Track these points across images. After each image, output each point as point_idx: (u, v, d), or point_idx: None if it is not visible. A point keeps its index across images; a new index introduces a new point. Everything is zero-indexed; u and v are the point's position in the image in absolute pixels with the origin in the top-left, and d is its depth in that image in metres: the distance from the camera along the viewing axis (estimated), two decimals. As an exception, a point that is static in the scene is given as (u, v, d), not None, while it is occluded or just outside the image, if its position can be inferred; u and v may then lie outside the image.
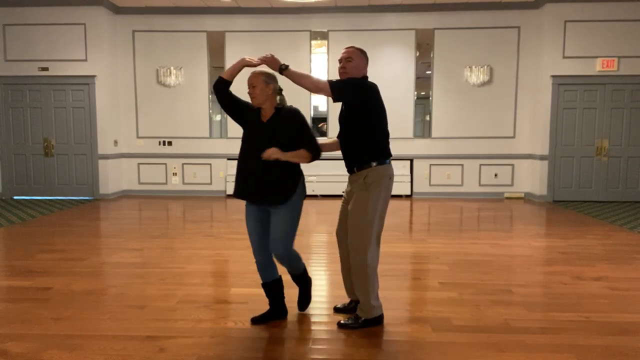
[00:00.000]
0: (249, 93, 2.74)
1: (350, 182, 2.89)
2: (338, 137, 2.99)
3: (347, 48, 2.86)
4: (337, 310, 3.10)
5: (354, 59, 2.81)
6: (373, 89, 2.80)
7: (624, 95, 7.98)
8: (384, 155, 2.82)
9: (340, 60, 2.85)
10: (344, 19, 8.40)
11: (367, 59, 2.89)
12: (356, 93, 2.75)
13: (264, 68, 2.76)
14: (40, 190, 8.47)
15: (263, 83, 2.71)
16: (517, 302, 3.28)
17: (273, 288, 2.92)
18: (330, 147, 2.98)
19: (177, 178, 8.86)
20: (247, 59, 2.71)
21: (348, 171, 2.89)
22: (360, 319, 2.84)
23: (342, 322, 2.86)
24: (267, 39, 8.53)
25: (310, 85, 2.70)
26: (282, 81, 2.76)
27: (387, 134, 2.88)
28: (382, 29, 8.37)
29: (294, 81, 2.70)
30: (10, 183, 8.47)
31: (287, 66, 2.70)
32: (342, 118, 2.89)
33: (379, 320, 2.86)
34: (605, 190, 8.15)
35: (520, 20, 8.24)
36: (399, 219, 6.59)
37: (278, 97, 2.82)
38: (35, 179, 8.47)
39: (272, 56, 2.71)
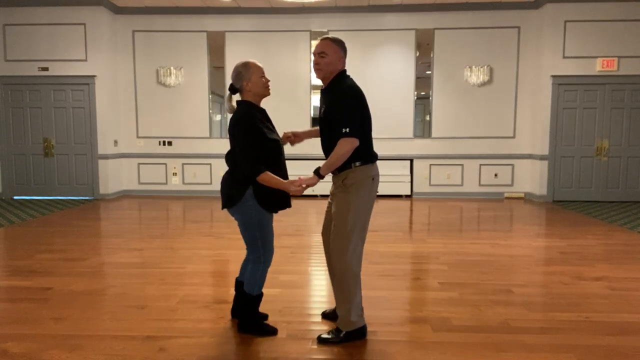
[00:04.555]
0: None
1: (334, 182, 2.72)
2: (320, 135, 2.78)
3: (321, 39, 2.59)
4: (325, 316, 2.96)
5: (328, 54, 2.55)
6: (359, 96, 2.56)
7: (624, 95, 7.99)
8: (366, 157, 2.59)
9: (314, 54, 2.60)
10: (344, 19, 8.40)
11: (344, 49, 2.62)
12: (359, 114, 2.53)
13: None
14: (40, 190, 8.47)
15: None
16: (517, 302, 3.28)
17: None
18: (313, 133, 2.87)
19: (177, 178, 8.86)
20: (293, 189, 2.53)
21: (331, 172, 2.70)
22: (341, 332, 2.63)
23: (322, 336, 2.66)
24: (267, 39, 8.53)
25: (344, 157, 2.50)
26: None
27: (370, 137, 2.64)
28: (382, 29, 8.37)
29: (337, 166, 2.54)
30: (10, 183, 8.47)
31: (319, 167, 2.54)
32: (322, 123, 2.64)
33: (361, 333, 2.66)
34: (605, 190, 8.15)
35: (520, 20, 8.24)
36: (399, 219, 6.59)
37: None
38: (35, 179, 8.47)
39: (302, 180, 2.54)
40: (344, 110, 2.50)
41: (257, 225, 2.64)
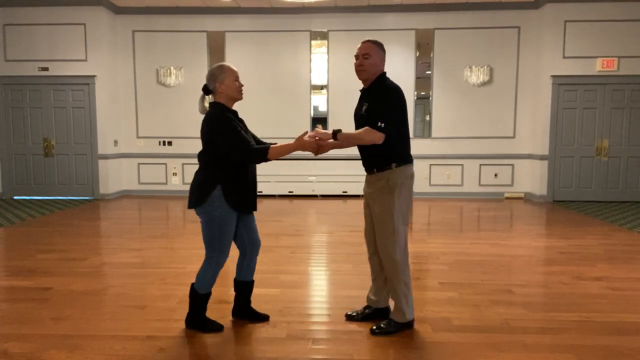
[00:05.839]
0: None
1: (369, 182, 2.79)
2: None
3: (363, 42, 2.70)
4: (349, 317, 2.95)
5: (372, 55, 2.66)
6: (402, 97, 2.68)
7: (624, 95, 7.98)
8: (405, 157, 2.72)
9: (356, 57, 2.69)
10: (344, 19, 8.40)
11: (384, 52, 2.75)
12: (398, 113, 2.65)
13: None
14: (40, 190, 8.47)
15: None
16: (517, 302, 3.28)
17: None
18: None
19: (177, 178, 8.86)
20: (307, 141, 2.61)
21: (366, 171, 2.80)
22: (393, 322, 2.75)
23: (374, 328, 2.74)
24: (267, 39, 8.53)
25: (364, 142, 2.64)
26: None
27: (408, 137, 2.76)
28: (382, 29, 8.36)
29: (350, 143, 2.68)
30: (10, 183, 8.47)
31: (339, 130, 2.65)
32: (362, 120, 2.71)
33: (410, 325, 2.78)
34: (605, 190, 8.15)
35: (520, 20, 8.24)
36: (399, 219, 6.57)
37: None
38: (35, 179, 8.47)
39: (317, 131, 2.67)
40: (387, 108, 2.61)
41: (219, 226, 2.66)
